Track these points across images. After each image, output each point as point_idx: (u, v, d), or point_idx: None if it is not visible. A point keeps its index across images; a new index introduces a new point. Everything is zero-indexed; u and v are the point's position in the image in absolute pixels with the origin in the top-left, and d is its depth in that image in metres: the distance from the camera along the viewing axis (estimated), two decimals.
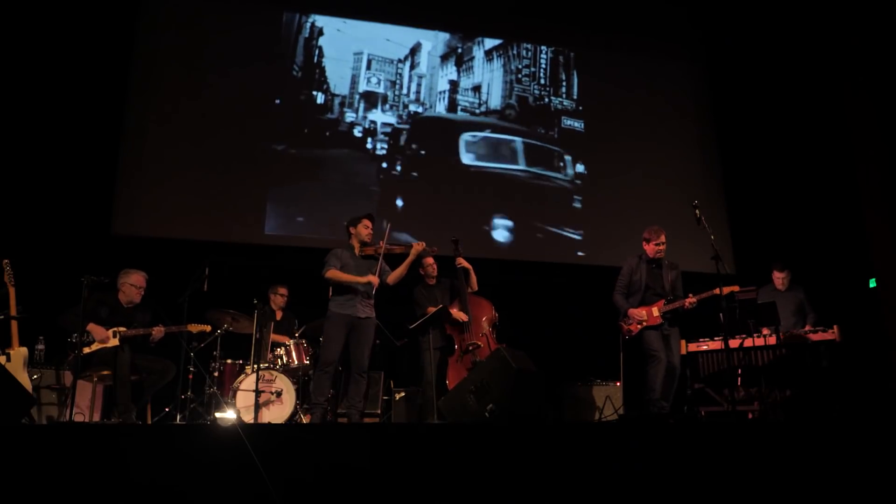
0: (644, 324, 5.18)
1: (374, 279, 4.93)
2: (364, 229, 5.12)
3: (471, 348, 5.43)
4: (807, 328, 5.85)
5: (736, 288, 5.00)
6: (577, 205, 7.70)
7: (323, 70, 7.32)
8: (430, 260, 5.82)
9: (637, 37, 8.26)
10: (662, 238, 5.28)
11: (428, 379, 5.41)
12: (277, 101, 7.13)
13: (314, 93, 7.24)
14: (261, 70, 7.12)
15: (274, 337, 5.70)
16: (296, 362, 5.51)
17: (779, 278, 6.21)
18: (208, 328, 5.19)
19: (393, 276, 5.04)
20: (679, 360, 5.23)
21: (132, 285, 5.09)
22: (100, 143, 6.45)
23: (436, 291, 5.74)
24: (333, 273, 4.95)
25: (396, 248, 5.13)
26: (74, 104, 6.36)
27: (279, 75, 7.18)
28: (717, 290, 4.86)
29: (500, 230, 7.43)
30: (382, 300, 5.15)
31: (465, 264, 5.65)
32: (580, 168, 7.82)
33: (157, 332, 4.96)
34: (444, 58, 7.76)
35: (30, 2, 6.38)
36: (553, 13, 8.09)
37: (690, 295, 5.09)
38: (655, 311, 5.19)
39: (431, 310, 5.45)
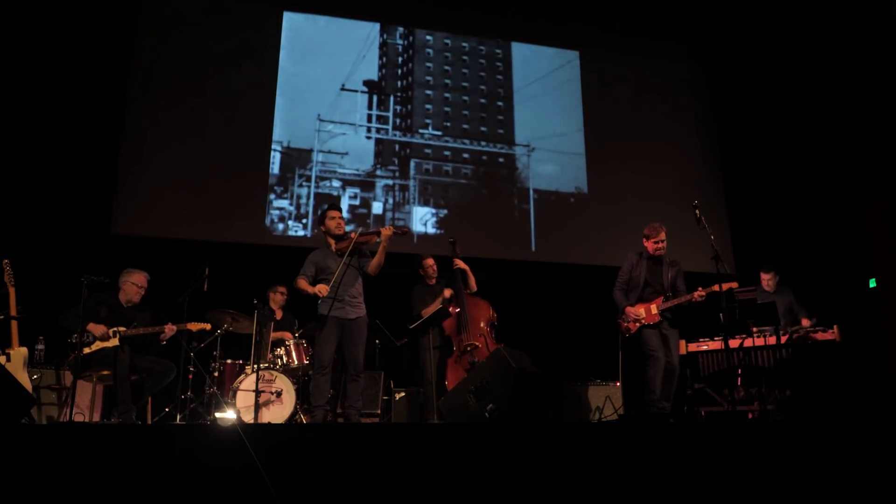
0: (642, 322, 5.13)
1: (321, 289, 4.60)
2: (331, 222, 4.78)
3: (469, 349, 5.42)
4: (805, 323, 5.84)
5: (735, 284, 4.98)
6: (578, 204, 7.70)
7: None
8: (430, 261, 5.80)
9: (637, 37, 8.27)
10: (662, 235, 5.24)
11: (428, 379, 5.40)
12: (277, 100, 7.13)
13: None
14: (261, 70, 7.13)
15: (275, 334, 5.69)
16: (296, 362, 5.51)
17: (765, 279, 6.22)
18: (208, 326, 5.19)
19: (372, 266, 4.78)
20: (678, 360, 5.16)
21: (133, 283, 5.08)
22: (99, 143, 6.47)
23: (435, 291, 5.72)
24: (298, 284, 4.73)
25: (369, 236, 4.78)
26: (74, 104, 6.37)
27: (278, 75, 7.18)
28: (716, 287, 4.84)
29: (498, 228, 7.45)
30: (382, 299, 5.13)
31: (463, 265, 5.63)
32: (580, 167, 7.82)
33: (170, 329, 4.94)
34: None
35: (31, 3, 6.38)
36: (554, 14, 8.09)
37: (700, 288, 5.02)
38: (654, 309, 5.13)
39: (426, 312, 5.43)
